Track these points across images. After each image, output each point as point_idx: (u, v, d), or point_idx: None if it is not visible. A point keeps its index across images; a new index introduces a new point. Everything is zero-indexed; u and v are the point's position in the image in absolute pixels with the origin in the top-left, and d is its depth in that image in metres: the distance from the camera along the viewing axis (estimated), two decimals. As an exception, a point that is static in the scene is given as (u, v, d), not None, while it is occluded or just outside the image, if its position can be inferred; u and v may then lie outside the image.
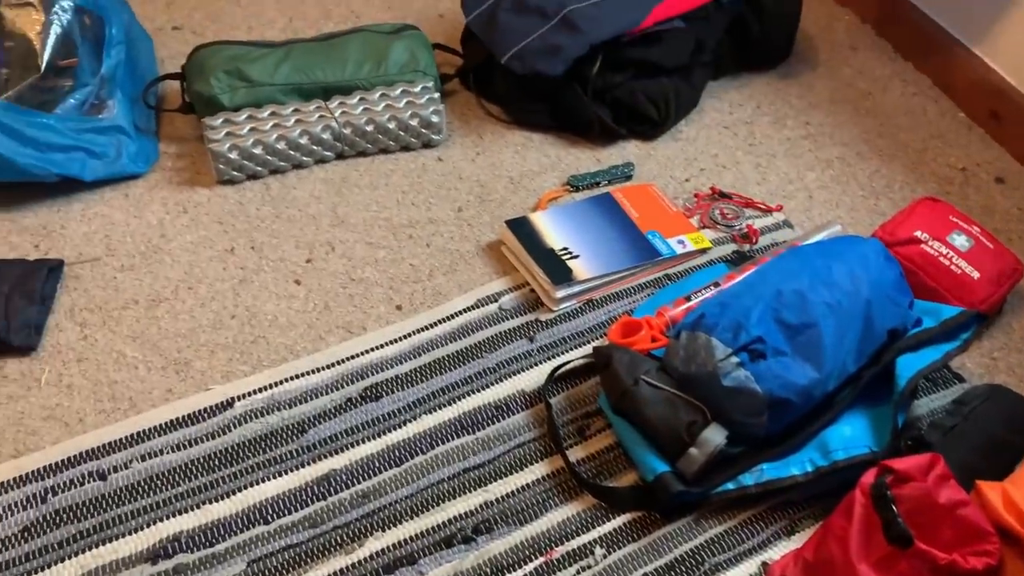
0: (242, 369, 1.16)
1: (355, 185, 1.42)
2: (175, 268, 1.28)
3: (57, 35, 1.34)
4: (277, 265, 1.29)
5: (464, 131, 1.52)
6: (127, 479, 1.04)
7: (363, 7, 1.75)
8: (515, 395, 1.14)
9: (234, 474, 1.05)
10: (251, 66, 1.41)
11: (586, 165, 1.46)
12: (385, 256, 1.31)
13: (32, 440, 1.08)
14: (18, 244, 1.29)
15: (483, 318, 1.23)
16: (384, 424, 1.11)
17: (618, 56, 1.44)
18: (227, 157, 1.36)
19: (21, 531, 1.00)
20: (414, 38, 1.52)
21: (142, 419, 1.10)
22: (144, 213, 1.35)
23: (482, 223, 1.37)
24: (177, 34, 1.66)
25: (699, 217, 1.37)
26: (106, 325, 1.20)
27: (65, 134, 1.32)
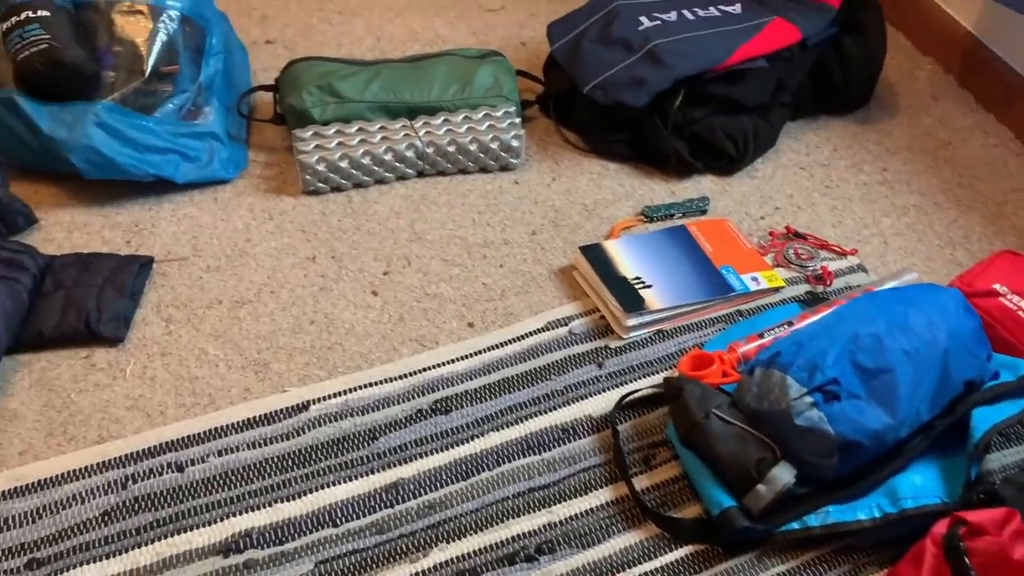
0: (318, 374, 1.20)
1: (433, 203, 1.45)
2: (258, 272, 1.32)
3: (162, 42, 1.40)
4: (356, 275, 1.33)
5: (541, 156, 1.54)
6: (203, 473, 1.08)
7: (448, 31, 1.80)
8: (582, 419, 1.16)
9: (306, 475, 1.08)
10: (342, 83, 1.46)
11: (661, 197, 1.48)
12: (459, 273, 1.34)
13: (115, 428, 1.12)
14: (111, 239, 1.35)
15: (553, 341, 1.25)
16: (452, 438, 1.13)
17: (700, 91, 1.46)
18: (314, 169, 1.40)
19: (101, 515, 1.03)
20: (499, 64, 1.56)
21: (220, 416, 1.14)
22: (231, 217, 1.40)
23: (555, 247, 1.39)
24: (270, 48, 1.72)
25: (773, 255, 1.38)
26: (190, 322, 1.25)
27: (162, 137, 1.38)
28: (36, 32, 1.29)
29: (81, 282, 1.23)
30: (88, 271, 1.25)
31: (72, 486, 1.06)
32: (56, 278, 1.24)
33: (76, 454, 1.09)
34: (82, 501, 1.04)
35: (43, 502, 1.04)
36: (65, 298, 1.21)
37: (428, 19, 1.83)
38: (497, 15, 1.86)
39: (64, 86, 1.32)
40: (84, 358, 1.19)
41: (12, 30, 1.30)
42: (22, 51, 1.29)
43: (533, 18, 1.85)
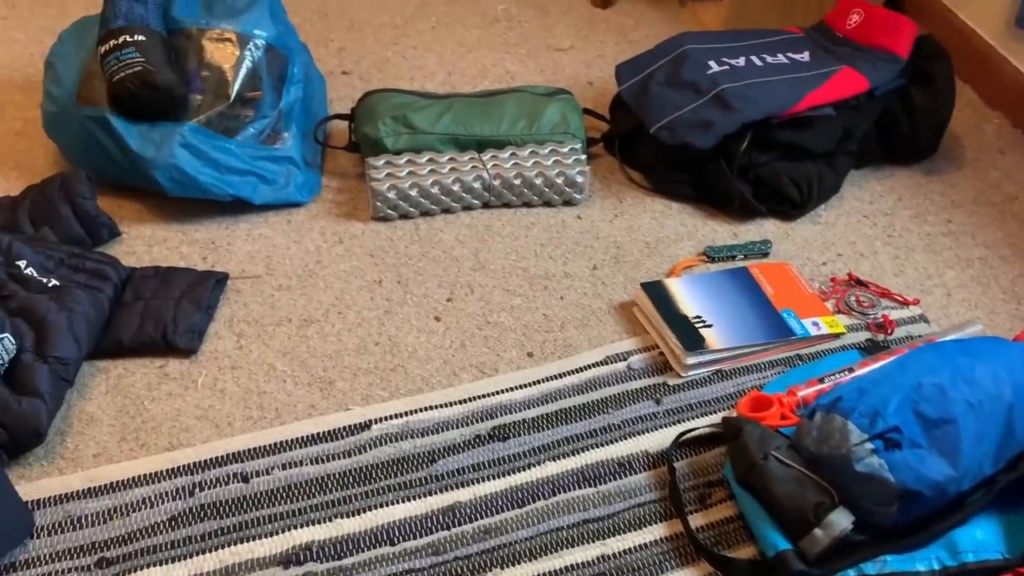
0: (381, 394, 1.23)
1: (497, 234, 1.48)
2: (327, 293, 1.36)
3: (247, 69, 1.47)
4: (420, 301, 1.36)
5: (605, 193, 1.57)
6: (268, 484, 1.11)
7: (518, 68, 1.85)
8: (638, 454, 1.16)
9: (366, 493, 1.11)
10: (415, 115, 1.51)
11: (723, 238, 1.49)
12: (520, 304, 1.37)
13: (185, 436, 1.16)
14: (188, 255, 1.40)
15: (611, 375, 1.26)
16: (509, 465, 1.15)
17: (766, 136, 1.48)
18: (385, 196, 1.45)
19: (169, 519, 1.07)
20: (567, 102, 1.59)
21: (286, 430, 1.17)
22: (303, 239, 1.45)
23: (616, 283, 1.41)
24: (346, 78, 1.78)
25: (834, 302, 1.38)
26: (260, 338, 1.29)
27: (242, 159, 1.44)
28: (132, 55, 1.36)
29: (159, 294, 1.29)
30: (167, 284, 1.30)
31: (142, 490, 1.10)
32: (136, 289, 1.30)
33: (147, 459, 1.13)
34: (151, 505, 1.08)
35: (114, 504, 1.08)
36: (144, 309, 1.27)
37: (499, 56, 1.88)
38: (566, 54, 1.90)
39: (155, 107, 1.38)
40: (159, 367, 1.24)
41: (110, 52, 1.37)
42: (118, 72, 1.36)
43: (600, 59, 1.89)
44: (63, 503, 1.08)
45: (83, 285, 1.25)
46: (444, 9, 2.01)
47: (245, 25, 1.47)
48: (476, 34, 1.94)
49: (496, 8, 2.03)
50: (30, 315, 1.19)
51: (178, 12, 1.48)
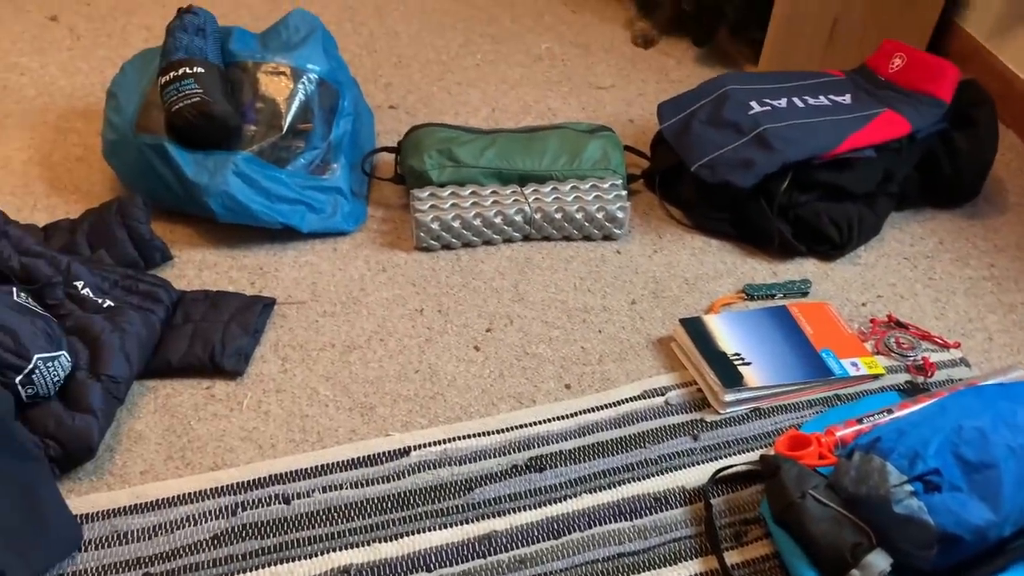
0: (420, 421, 1.24)
1: (537, 266, 1.50)
2: (370, 320, 1.39)
3: (300, 102, 1.51)
4: (460, 330, 1.38)
5: (644, 229, 1.59)
6: (308, 507, 1.13)
7: (560, 105, 1.88)
8: (675, 490, 1.17)
9: (404, 518, 1.12)
10: (460, 149, 1.55)
11: (762, 276, 1.50)
12: (559, 336, 1.38)
13: (229, 456, 1.19)
14: (237, 280, 1.44)
15: (648, 409, 1.27)
16: (546, 496, 1.15)
17: (807, 177, 1.49)
18: (428, 227, 1.48)
19: (211, 538, 1.09)
20: (608, 139, 1.62)
21: (327, 453, 1.19)
22: (348, 267, 1.48)
23: (654, 318, 1.42)
24: (392, 112, 1.83)
25: (874, 343, 1.38)
26: (304, 363, 1.32)
27: (292, 188, 1.48)
28: (191, 86, 1.42)
29: (208, 317, 1.32)
30: (216, 308, 1.34)
31: (186, 508, 1.12)
32: (186, 312, 1.34)
33: (192, 478, 1.16)
34: (195, 523, 1.11)
35: (159, 520, 1.11)
36: (193, 331, 1.30)
37: (541, 93, 1.91)
38: (607, 92, 1.93)
39: (210, 137, 1.43)
40: (205, 388, 1.27)
41: (170, 83, 1.43)
42: (177, 103, 1.41)
43: (641, 97, 1.92)
44: (110, 518, 1.11)
45: (136, 306, 1.30)
46: (489, 47, 2.06)
47: (299, 60, 1.53)
48: (519, 72, 1.98)
49: (539, 47, 2.07)
50: (85, 334, 1.23)
51: (235, 46, 1.53)
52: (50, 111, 1.78)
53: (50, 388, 1.16)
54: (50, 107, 1.79)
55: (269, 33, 1.58)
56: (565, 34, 2.12)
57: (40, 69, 1.90)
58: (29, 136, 1.71)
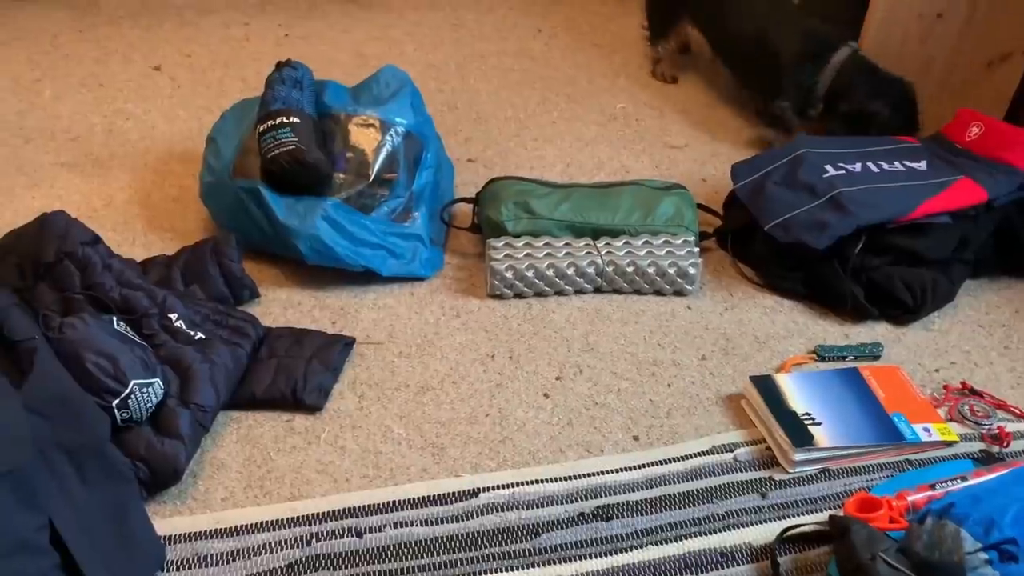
0: (489, 464, 1.27)
1: (607, 318, 1.53)
2: (443, 363, 1.43)
3: (387, 153, 1.59)
4: (530, 377, 1.41)
5: (715, 286, 1.61)
6: (379, 541, 1.16)
7: (633, 163, 1.93)
8: (741, 546, 1.17)
9: (471, 559, 1.14)
10: (536, 201, 1.60)
11: (834, 338, 1.50)
12: (628, 388, 1.40)
13: (306, 488, 1.23)
14: (319, 319, 1.50)
15: (716, 465, 1.28)
16: (612, 545, 1.16)
17: (881, 240, 1.50)
18: (503, 275, 1.53)
19: (286, 566, 1.13)
20: (682, 196, 1.65)
21: (399, 490, 1.23)
22: (424, 311, 1.53)
23: (724, 374, 1.43)
24: (471, 165, 1.90)
25: (947, 409, 1.36)
26: (380, 401, 1.36)
27: (375, 234, 1.55)
28: (287, 135, 1.50)
29: (292, 353, 1.38)
30: (299, 344, 1.40)
31: (263, 536, 1.16)
32: (271, 347, 1.40)
33: (270, 507, 1.20)
34: (271, 551, 1.14)
35: (238, 546, 1.15)
36: (277, 366, 1.36)
37: (615, 150, 1.96)
38: (680, 151, 1.97)
39: (303, 183, 1.51)
40: (286, 421, 1.32)
41: (267, 131, 1.52)
42: (273, 149, 1.50)
43: (715, 157, 1.96)
44: (192, 541, 1.15)
45: (225, 340, 1.36)
46: (565, 106, 2.12)
47: (388, 113, 1.61)
48: (594, 130, 2.04)
49: (615, 106, 2.13)
50: (177, 364, 1.30)
51: (329, 98, 1.62)
52: (151, 154, 1.90)
53: (143, 413, 1.22)
54: (151, 150, 1.91)
55: (361, 87, 1.67)
56: (640, 95, 2.18)
57: (143, 115, 2.03)
58: (131, 177, 1.83)
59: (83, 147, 1.91)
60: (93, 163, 1.86)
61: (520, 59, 2.32)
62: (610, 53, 2.38)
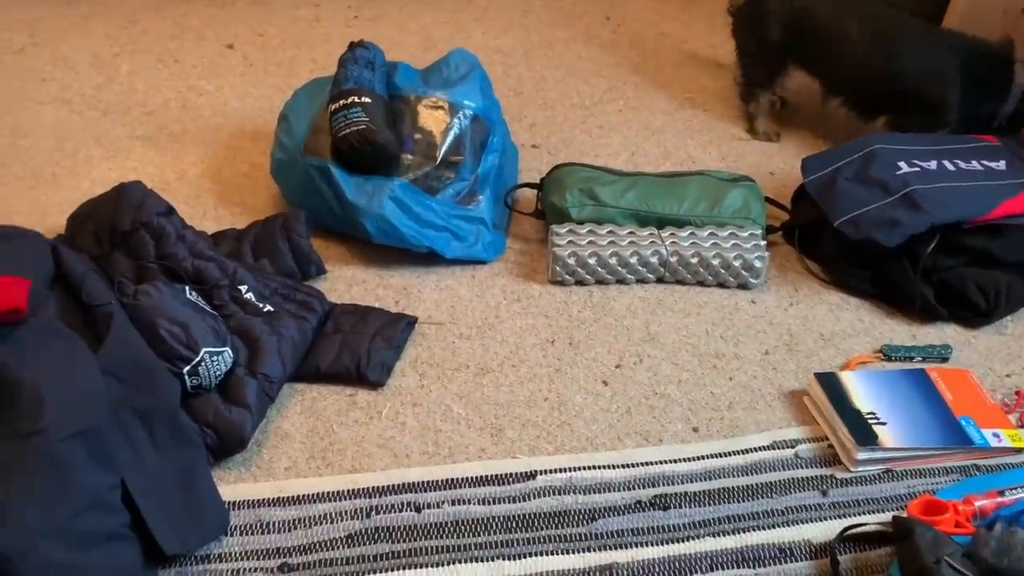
0: (546, 447, 1.28)
1: (669, 309, 1.52)
2: (503, 346, 1.44)
3: (455, 135, 1.60)
4: (589, 364, 1.41)
5: (780, 281, 1.59)
6: (438, 517, 1.17)
7: (699, 154, 1.91)
8: (800, 543, 1.15)
9: (527, 539, 1.15)
10: (602, 189, 1.59)
11: (901, 338, 1.47)
12: (688, 379, 1.39)
13: (367, 461, 1.25)
14: (383, 297, 1.52)
15: (777, 460, 1.26)
16: (669, 534, 1.16)
17: (955, 240, 1.46)
18: (565, 261, 1.53)
19: (346, 537, 1.15)
20: (750, 188, 1.63)
21: (457, 468, 1.24)
22: (485, 294, 1.54)
23: (787, 370, 1.41)
24: (535, 151, 1.90)
25: (1019, 415, 1.32)
26: (440, 380, 1.38)
27: (440, 216, 1.56)
28: (358, 115, 1.52)
29: (356, 329, 1.40)
30: (363, 321, 1.42)
31: (324, 506, 1.19)
32: (336, 323, 1.42)
33: (331, 478, 1.22)
34: (331, 521, 1.17)
35: (299, 515, 1.17)
36: (342, 341, 1.38)
37: (681, 140, 1.95)
38: (748, 144, 1.95)
39: (372, 162, 1.53)
40: (348, 396, 1.34)
41: (339, 111, 1.54)
42: (343, 129, 1.52)
43: (783, 151, 1.93)
44: (255, 508, 1.18)
45: (292, 314, 1.39)
46: (632, 94, 2.11)
47: (457, 96, 1.61)
48: (661, 119, 2.02)
49: (682, 96, 2.11)
50: (246, 335, 1.33)
51: (400, 80, 1.64)
52: (223, 130, 1.94)
53: (212, 381, 1.25)
54: (223, 126, 1.95)
55: (431, 69, 1.68)
56: (708, 86, 2.15)
57: (216, 92, 2.07)
58: (203, 152, 1.87)
59: (158, 121, 1.96)
60: (167, 137, 1.91)
61: (588, 46, 2.31)
62: (679, 43, 2.35)
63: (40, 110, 1.99)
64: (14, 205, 1.70)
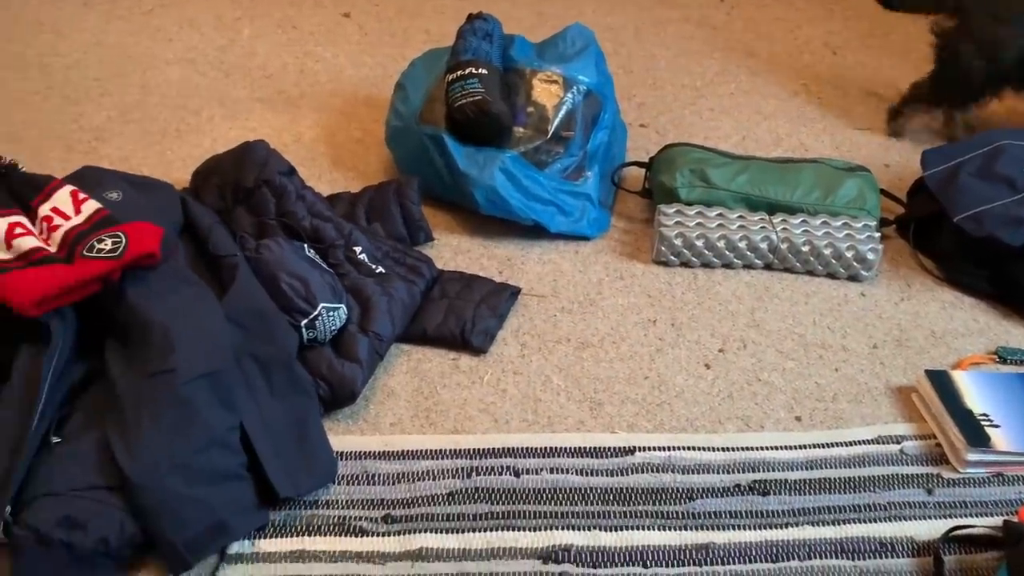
0: (645, 425, 1.28)
1: (776, 296, 1.50)
2: (604, 322, 1.45)
3: (567, 110, 1.60)
4: (692, 346, 1.41)
5: (892, 275, 1.55)
6: (535, 483, 1.20)
7: (812, 142, 1.87)
8: (903, 539, 1.13)
9: (624, 513, 1.16)
10: (713, 171, 1.58)
11: (1017, 340, 1.42)
12: (793, 368, 1.38)
13: (468, 424, 1.28)
14: (487, 267, 1.55)
15: (881, 455, 1.24)
16: (767, 519, 1.16)
17: (1086, 243, 1.40)
18: (671, 242, 1.52)
19: (447, 494, 1.18)
20: (866, 179, 1.59)
21: (556, 438, 1.26)
22: (588, 270, 1.55)
23: (895, 365, 1.38)
24: (643, 131, 1.89)
25: None
26: (541, 352, 1.39)
27: (547, 190, 1.57)
28: (474, 86, 1.54)
29: (462, 296, 1.43)
30: (469, 288, 1.45)
31: (427, 463, 1.22)
32: (443, 288, 1.45)
33: (434, 437, 1.25)
34: (433, 478, 1.20)
35: (403, 469, 1.21)
36: (448, 306, 1.41)
37: (795, 127, 1.91)
38: (863, 135, 1.90)
39: (485, 133, 1.55)
40: (452, 360, 1.38)
41: (456, 81, 1.56)
42: (460, 99, 1.54)
43: (899, 143, 1.87)
44: (361, 460, 1.22)
45: (402, 277, 1.43)
46: (744, 78, 2.08)
47: (572, 70, 1.62)
48: (774, 104, 1.99)
49: (797, 83, 2.06)
50: (358, 294, 1.37)
51: (515, 53, 1.65)
52: (338, 96, 1.99)
53: (326, 335, 1.30)
54: (338, 93, 2.00)
55: (547, 43, 1.69)
56: (824, 73, 2.10)
57: (332, 59, 2.13)
58: (318, 116, 1.92)
59: (276, 85, 2.03)
60: (284, 101, 1.97)
61: (701, 27, 2.28)
62: (794, 28, 2.30)
63: (167, 69, 2.08)
64: (142, 158, 1.78)
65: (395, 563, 1.10)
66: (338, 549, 1.11)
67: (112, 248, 1.19)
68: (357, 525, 1.14)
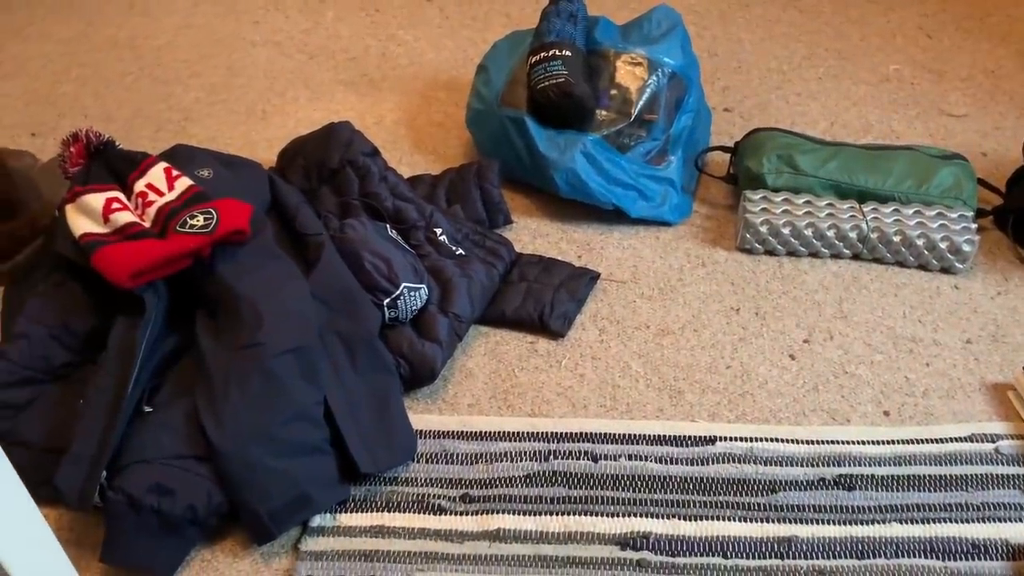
0: (726, 415, 1.26)
1: (864, 287, 1.46)
2: (685, 309, 1.43)
3: (650, 93, 1.58)
4: (776, 336, 1.38)
5: (988, 268, 1.48)
6: (614, 469, 1.19)
7: (904, 129, 1.80)
8: (997, 541, 1.09)
9: (704, 503, 1.14)
10: (801, 157, 1.53)
11: None
12: (881, 361, 1.33)
13: (545, 407, 1.28)
14: (566, 250, 1.54)
15: (975, 454, 1.19)
16: (852, 515, 1.12)
17: None
18: (756, 229, 1.49)
19: (524, 476, 1.18)
20: (962, 167, 1.53)
21: (634, 424, 1.24)
22: (669, 256, 1.53)
23: (991, 362, 1.32)
24: (727, 115, 1.85)
25: None
26: (619, 338, 1.38)
27: (629, 174, 1.55)
28: (557, 68, 1.53)
29: (541, 280, 1.43)
30: (548, 272, 1.44)
31: (505, 444, 1.22)
32: (521, 271, 1.45)
33: (512, 419, 1.25)
34: (511, 460, 1.20)
35: (481, 450, 1.22)
36: (526, 290, 1.41)
37: (885, 113, 1.84)
38: (959, 121, 1.82)
39: (567, 116, 1.54)
40: (529, 343, 1.37)
41: (539, 63, 1.55)
42: (542, 81, 1.53)
43: (998, 130, 1.79)
44: (440, 439, 1.23)
45: (481, 259, 1.43)
46: (833, 62, 2.01)
47: (657, 52, 1.59)
48: (864, 89, 1.92)
49: (888, 67, 1.99)
50: (438, 275, 1.38)
51: (599, 34, 1.63)
52: (418, 79, 2.00)
53: (408, 315, 1.31)
54: (419, 76, 2.01)
55: (632, 25, 1.66)
56: (917, 57, 2.02)
57: (413, 42, 2.14)
58: (400, 99, 1.93)
59: (359, 67, 2.05)
60: (367, 83, 1.99)
61: (788, 10, 2.22)
62: (886, 10, 2.22)
63: (253, 51, 2.12)
64: (228, 138, 1.82)
65: (473, 542, 1.11)
66: (417, 526, 1.13)
67: (204, 224, 1.22)
68: (436, 503, 1.15)
